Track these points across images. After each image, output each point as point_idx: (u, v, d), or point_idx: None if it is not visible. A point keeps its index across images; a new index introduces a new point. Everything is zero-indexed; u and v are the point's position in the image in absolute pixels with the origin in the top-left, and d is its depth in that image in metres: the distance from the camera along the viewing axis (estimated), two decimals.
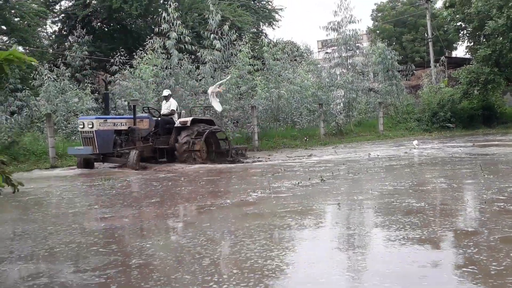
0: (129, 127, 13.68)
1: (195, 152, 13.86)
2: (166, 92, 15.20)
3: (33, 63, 3.29)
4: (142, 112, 15.70)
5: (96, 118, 13.32)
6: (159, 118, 14.63)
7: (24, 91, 19.30)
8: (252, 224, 5.28)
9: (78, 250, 4.54)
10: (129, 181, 10.36)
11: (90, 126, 12.95)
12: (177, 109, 14.98)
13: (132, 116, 13.91)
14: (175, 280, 3.43)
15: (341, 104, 24.77)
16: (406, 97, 29.21)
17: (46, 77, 18.61)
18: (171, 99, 15.12)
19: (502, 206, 5.68)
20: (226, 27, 19.74)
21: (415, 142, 16.55)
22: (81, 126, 13.21)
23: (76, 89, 19.24)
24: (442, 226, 4.85)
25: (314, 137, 21.50)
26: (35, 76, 18.95)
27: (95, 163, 13.60)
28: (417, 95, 30.48)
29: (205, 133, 14.01)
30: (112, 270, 3.76)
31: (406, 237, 4.39)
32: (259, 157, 15.26)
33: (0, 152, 13.70)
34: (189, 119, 14.24)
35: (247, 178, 10.28)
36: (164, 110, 14.72)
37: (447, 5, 29.18)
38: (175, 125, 14.25)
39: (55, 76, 19.08)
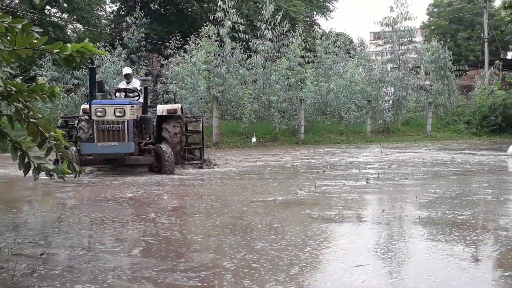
0: (138, 116, 10.22)
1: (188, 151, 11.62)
2: (128, 70, 11.86)
3: (102, 55, 3.44)
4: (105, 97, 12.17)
5: (129, 104, 9.75)
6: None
7: (81, 69, 19.74)
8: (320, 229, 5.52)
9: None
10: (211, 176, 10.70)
11: (121, 114, 9.51)
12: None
13: (142, 102, 10.60)
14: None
15: (390, 102, 24.63)
16: (458, 98, 28.71)
17: (106, 58, 19.17)
18: (134, 79, 11.86)
19: None
20: (278, 18, 19.94)
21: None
22: (100, 114, 9.44)
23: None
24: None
25: (360, 133, 21.49)
26: (94, 57, 19.48)
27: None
28: (468, 97, 29.89)
29: (202, 122, 12.03)
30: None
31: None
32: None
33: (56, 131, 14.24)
34: (178, 106, 11.03)
35: (293, 176, 10.49)
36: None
37: (506, 5, 28.35)
38: (158, 114, 10.82)
39: (113, 58, 19.62)
